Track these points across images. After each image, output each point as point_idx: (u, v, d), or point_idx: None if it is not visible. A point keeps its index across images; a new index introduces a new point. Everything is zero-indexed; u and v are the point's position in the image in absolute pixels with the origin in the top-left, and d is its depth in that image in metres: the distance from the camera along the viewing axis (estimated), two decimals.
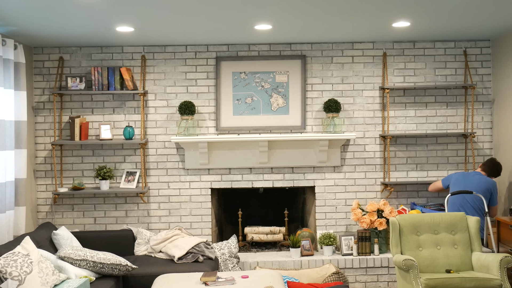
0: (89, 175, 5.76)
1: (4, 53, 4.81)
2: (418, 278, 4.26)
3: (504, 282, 4.24)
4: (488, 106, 5.87)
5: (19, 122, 5.10)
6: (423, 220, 4.73)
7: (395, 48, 5.83)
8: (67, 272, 4.33)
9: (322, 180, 5.82)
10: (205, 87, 5.79)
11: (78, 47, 5.75)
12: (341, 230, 5.81)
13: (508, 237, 5.08)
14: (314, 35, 5.40)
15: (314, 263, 5.43)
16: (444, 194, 5.80)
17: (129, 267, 4.57)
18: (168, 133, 5.78)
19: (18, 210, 5.04)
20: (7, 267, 3.73)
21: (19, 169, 5.08)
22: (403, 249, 4.64)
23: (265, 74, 5.77)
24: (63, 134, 5.74)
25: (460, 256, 4.61)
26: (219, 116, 5.76)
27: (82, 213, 5.77)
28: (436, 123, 5.85)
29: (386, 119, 5.77)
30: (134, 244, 5.36)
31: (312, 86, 5.81)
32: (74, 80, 5.61)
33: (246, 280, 4.25)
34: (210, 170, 5.78)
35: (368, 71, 5.82)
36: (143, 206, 5.78)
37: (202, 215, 5.79)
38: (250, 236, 5.78)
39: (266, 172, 5.80)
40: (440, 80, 5.85)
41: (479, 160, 5.85)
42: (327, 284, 5.03)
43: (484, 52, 5.86)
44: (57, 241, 4.83)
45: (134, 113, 5.76)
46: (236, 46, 5.78)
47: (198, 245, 5.15)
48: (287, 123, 5.78)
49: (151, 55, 5.77)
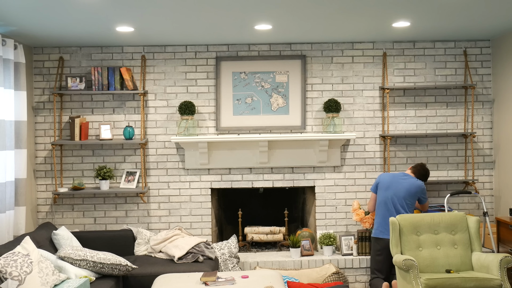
0: (89, 175, 5.76)
1: (4, 53, 4.81)
2: (418, 278, 4.26)
3: (504, 282, 4.24)
4: (488, 106, 5.87)
5: (19, 122, 5.10)
6: (423, 220, 4.73)
7: (395, 48, 5.83)
8: (67, 272, 4.33)
9: (322, 180, 5.82)
10: (205, 87, 5.79)
11: (78, 47, 5.75)
12: (341, 230, 5.81)
13: (508, 237, 5.08)
14: (314, 35, 5.40)
15: (314, 263, 5.43)
16: (444, 194, 5.81)
17: (129, 267, 4.57)
18: (168, 133, 5.78)
19: (18, 210, 5.04)
20: (7, 267, 3.73)
21: (19, 169, 5.08)
22: (403, 249, 4.64)
23: (265, 74, 5.77)
24: (63, 134, 5.74)
25: (460, 256, 4.61)
26: (219, 116, 5.76)
27: (82, 213, 5.77)
28: (436, 123, 5.85)
29: (386, 119, 5.77)
30: (134, 244, 5.36)
31: (312, 86, 5.81)
32: (74, 80, 5.61)
33: (246, 280, 4.25)
34: (210, 170, 5.78)
35: (368, 71, 5.82)
36: (143, 206, 5.78)
37: (202, 215, 5.79)
38: (250, 236, 5.78)
39: (266, 172, 5.80)
40: (440, 80, 5.85)
41: (479, 160, 5.85)
42: (327, 284, 5.03)
43: (484, 52, 5.86)
44: (57, 241, 4.83)
45: (134, 113, 5.76)
46: (236, 46, 5.78)
47: (198, 245, 5.15)
48: (287, 123, 5.78)
49: (151, 55, 5.77)
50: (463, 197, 5.86)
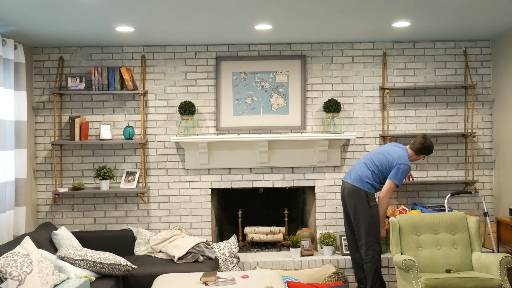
0: (89, 175, 5.76)
1: (4, 53, 4.81)
2: (418, 278, 4.27)
3: (504, 282, 4.24)
4: (488, 106, 5.87)
5: (19, 122, 5.10)
6: (423, 220, 4.73)
7: (395, 48, 5.83)
8: (67, 272, 4.33)
9: (322, 180, 5.82)
10: (205, 87, 5.79)
11: (78, 47, 5.75)
12: (341, 230, 5.80)
13: (508, 237, 5.08)
14: (314, 35, 5.40)
15: (314, 263, 5.43)
16: (444, 194, 5.80)
17: (129, 267, 4.57)
18: (168, 133, 5.78)
19: (18, 210, 5.04)
20: (7, 267, 3.73)
21: (19, 169, 5.08)
22: (403, 249, 4.64)
23: (265, 74, 5.77)
24: (63, 134, 5.74)
25: (460, 256, 4.61)
26: (219, 116, 5.76)
27: (82, 213, 5.77)
28: (436, 123, 5.85)
29: (386, 119, 5.77)
30: (134, 244, 5.36)
31: (312, 86, 5.81)
32: (74, 80, 5.61)
33: (246, 280, 4.25)
34: (210, 170, 5.78)
35: (368, 71, 5.82)
36: (143, 206, 5.78)
37: (202, 215, 5.79)
38: (250, 236, 5.78)
39: (266, 172, 5.80)
40: (440, 80, 5.85)
41: (479, 160, 5.85)
42: (327, 284, 5.03)
43: (484, 52, 5.86)
44: (57, 241, 4.83)
45: (134, 113, 5.76)
46: (236, 46, 5.78)
47: (198, 245, 5.15)
48: (287, 123, 5.78)
49: (151, 55, 5.77)
50: (463, 197, 5.86)
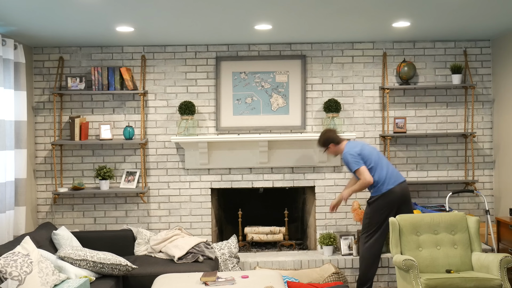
0: (89, 175, 5.76)
1: (4, 53, 4.81)
2: (418, 278, 4.26)
3: (504, 282, 4.24)
4: (488, 106, 5.87)
5: (19, 122, 5.10)
6: (423, 220, 4.73)
7: (395, 48, 5.83)
8: (67, 272, 4.33)
9: (322, 180, 5.82)
10: (205, 87, 5.79)
11: (78, 47, 5.75)
12: (341, 230, 5.81)
13: (508, 237, 5.08)
14: (314, 35, 5.40)
15: (314, 263, 5.43)
16: (444, 194, 5.80)
17: (129, 267, 4.57)
18: (168, 133, 5.78)
19: (18, 210, 5.04)
20: (7, 267, 3.73)
21: (19, 169, 5.08)
22: (403, 249, 4.63)
23: (265, 74, 5.77)
24: (63, 134, 5.74)
25: (460, 256, 4.61)
26: (219, 116, 5.76)
27: (82, 213, 5.77)
28: (436, 123, 5.85)
29: (386, 119, 5.77)
30: (134, 244, 5.36)
31: (312, 86, 5.81)
32: (74, 80, 5.61)
33: (246, 280, 4.25)
34: (210, 170, 5.78)
35: (368, 71, 5.82)
36: (143, 206, 5.78)
37: (202, 215, 5.79)
38: (250, 236, 5.78)
39: (266, 172, 5.80)
40: (440, 80, 5.85)
41: (479, 160, 5.85)
42: (327, 284, 5.03)
43: (484, 52, 5.86)
44: (57, 241, 4.83)
45: (134, 113, 5.76)
46: (236, 46, 5.78)
47: (198, 245, 5.15)
48: (287, 123, 5.78)
49: (151, 55, 5.77)
50: (463, 197, 5.86)
